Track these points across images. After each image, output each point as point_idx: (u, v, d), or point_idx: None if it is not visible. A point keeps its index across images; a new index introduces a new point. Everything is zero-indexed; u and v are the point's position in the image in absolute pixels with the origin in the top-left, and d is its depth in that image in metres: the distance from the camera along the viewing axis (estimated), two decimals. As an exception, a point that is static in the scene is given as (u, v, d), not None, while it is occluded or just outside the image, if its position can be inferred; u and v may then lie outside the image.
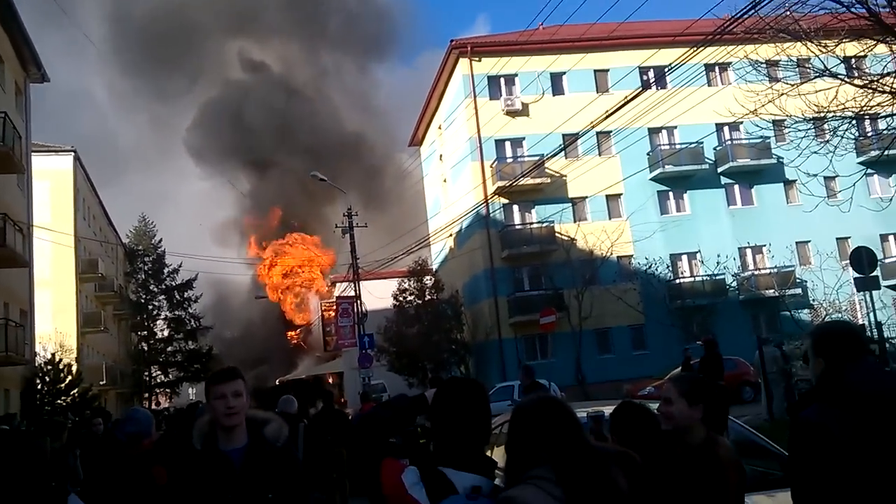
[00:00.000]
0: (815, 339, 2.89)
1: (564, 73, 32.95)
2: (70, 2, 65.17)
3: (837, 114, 13.52)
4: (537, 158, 30.20)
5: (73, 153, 38.35)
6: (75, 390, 25.92)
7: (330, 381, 46.19)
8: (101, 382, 35.75)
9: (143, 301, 50.75)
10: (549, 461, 2.11)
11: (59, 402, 24.74)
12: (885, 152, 16.23)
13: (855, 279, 17.36)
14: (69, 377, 26.19)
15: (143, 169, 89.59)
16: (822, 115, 13.63)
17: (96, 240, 42.78)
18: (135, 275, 51.86)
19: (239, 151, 65.45)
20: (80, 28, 68.74)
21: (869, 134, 22.37)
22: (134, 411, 5.33)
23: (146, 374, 48.79)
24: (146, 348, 50.06)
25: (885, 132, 18.04)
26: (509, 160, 32.75)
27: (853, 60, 14.96)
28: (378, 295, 34.23)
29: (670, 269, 32.38)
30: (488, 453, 2.35)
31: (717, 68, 31.55)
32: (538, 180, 30.96)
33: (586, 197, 32.61)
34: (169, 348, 50.33)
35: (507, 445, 2.25)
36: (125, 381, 44.35)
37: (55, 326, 31.41)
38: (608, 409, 3.50)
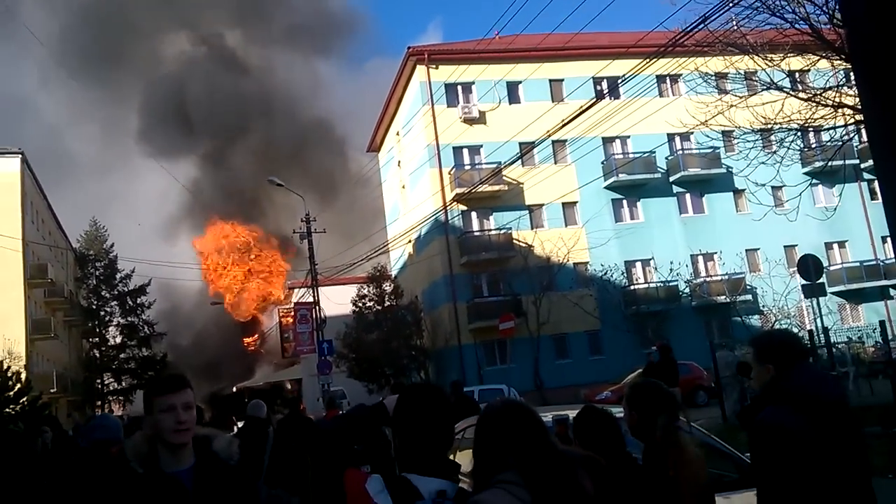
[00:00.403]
0: (760, 348, 3.09)
1: (521, 82, 33.37)
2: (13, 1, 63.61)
3: (783, 125, 14.04)
4: (495, 166, 30.53)
5: (20, 155, 37.42)
6: (24, 399, 25.24)
7: (288, 387, 45.79)
8: (52, 390, 34.86)
9: (94, 307, 49.60)
10: (515, 465, 2.13)
11: (7, 410, 24.06)
12: (829, 163, 16.86)
13: (802, 286, 17.95)
14: (18, 385, 25.51)
15: (94, 171, 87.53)
16: (769, 126, 14.15)
17: (45, 244, 41.76)
18: (86, 280, 50.66)
19: (188, 148, 64.46)
20: (26, 25, 66.98)
21: (813, 145, 23.17)
22: (103, 417, 5.24)
23: (98, 381, 47.67)
24: (98, 355, 48.93)
25: (828, 144, 18.76)
26: (467, 167, 33.00)
27: (798, 75, 15.56)
28: (337, 301, 34.10)
29: (625, 275, 32.97)
30: (451, 457, 2.39)
31: (668, 80, 32.33)
32: (496, 187, 31.26)
33: (543, 204, 33.02)
34: (122, 355, 49.26)
35: (475, 450, 2.26)
36: (76, 388, 43.27)
37: (2, 333, 30.57)
38: (572, 413, 3.54)
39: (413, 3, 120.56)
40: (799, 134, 15.50)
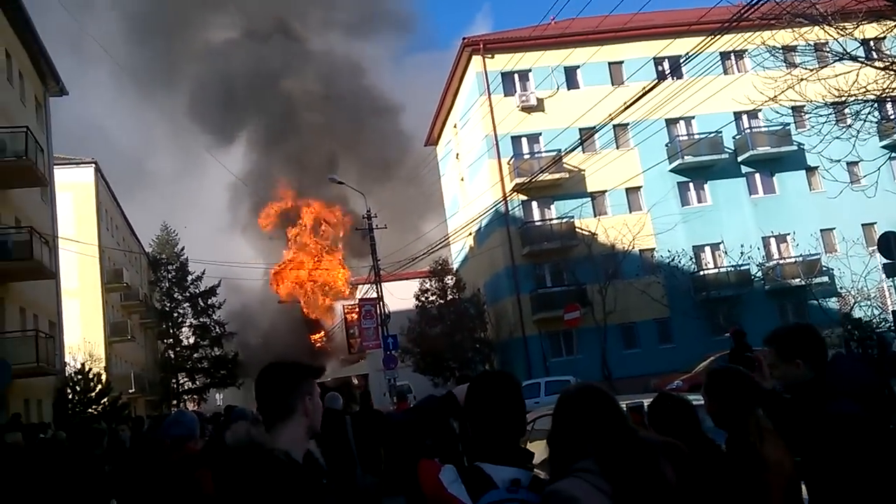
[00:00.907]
0: (786, 343, 3.06)
1: (578, 66, 32.79)
2: (86, 14, 66.09)
3: (859, 97, 13.32)
4: (555, 154, 30.10)
5: (93, 165, 38.86)
6: (105, 399, 26.24)
7: (356, 382, 46.38)
8: (130, 391, 36.19)
9: (167, 309, 51.30)
10: (594, 453, 2.08)
11: (90, 410, 25.06)
12: (910, 135, 15.97)
13: (884, 265, 17.11)
14: (99, 386, 26.54)
15: (164, 177, 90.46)
16: (843, 99, 13.44)
17: (120, 249, 43.30)
18: (159, 283, 52.43)
19: (245, 143, 65.94)
20: (97, 41, 69.57)
21: (892, 117, 22.03)
22: (180, 414, 5.33)
23: (173, 381, 49.31)
24: (172, 356, 50.62)
25: (908, 114, 17.77)
26: (526, 156, 32.66)
27: (873, 42, 14.75)
28: (400, 296, 34.31)
29: (693, 260, 32.11)
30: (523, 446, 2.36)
31: (733, 56, 31.22)
32: (556, 176, 30.83)
33: (605, 191, 32.43)
34: (195, 355, 50.85)
35: (550, 436, 2.22)
36: (153, 388, 44.83)
37: (83, 336, 31.86)
38: (646, 401, 3.48)
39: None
40: (876, 105, 14.71)
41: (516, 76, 33.16)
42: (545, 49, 31.49)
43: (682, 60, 22.94)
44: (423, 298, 34.50)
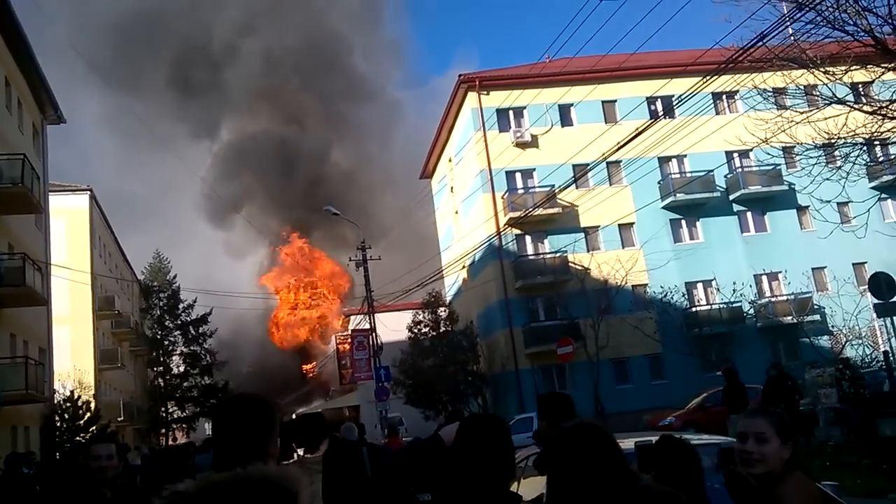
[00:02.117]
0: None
1: (573, 104, 33.23)
2: (84, 43, 66.70)
3: (848, 140, 13.57)
4: (549, 189, 30.37)
5: (88, 192, 38.92)
6: (94, 427, 25.98)
7: (346, 414, 46.05)
8: (119, 419, 35.83)
9: (158, 337, 50.96)
10: (592, 500, 2.02)
11: (77, 438, 24.80)
12: (898, 177, 16.24)
13: (875, 305, 17.23)
14: (88, 414, 26.30)
15: (158, 206, 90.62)
16: (833, 141, 13.68)
17: (112, 277, 43.18)
18: (150, 311, 52.16)
19: (245, 184, 66.44)
20: (97, 70, 70.12)
21: (880, 159, 22.38)
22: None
23: (163, 409, 48.81)
24: (162, 384, 50.15)
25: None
26: (520, 191, 32.92)
27: (861, 87, 15.07)
28: (392, 327, 34.27)
29: (686, 297, 32.22)
30: (513, 488, 2.37)
31: (724, 97, 31.73)
32: (550, 211, 31.06)
33: (599, 227, 32.65)
34: (185, 384, 50.37)
35: (549, 478, 2.19)
36: (142, 416, 44.39)
37: (73, 363, 31.62)
38: (638, 441, 3.40)
39: (456, 31, 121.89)
40: (865, 148, 14.98)
41: (511, 113, 33.55)
42: (540, 87, 31.92)
43: (674, 102, 23.33)
44: (415, 330, 34.44)
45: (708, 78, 13.90)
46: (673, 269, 31.81)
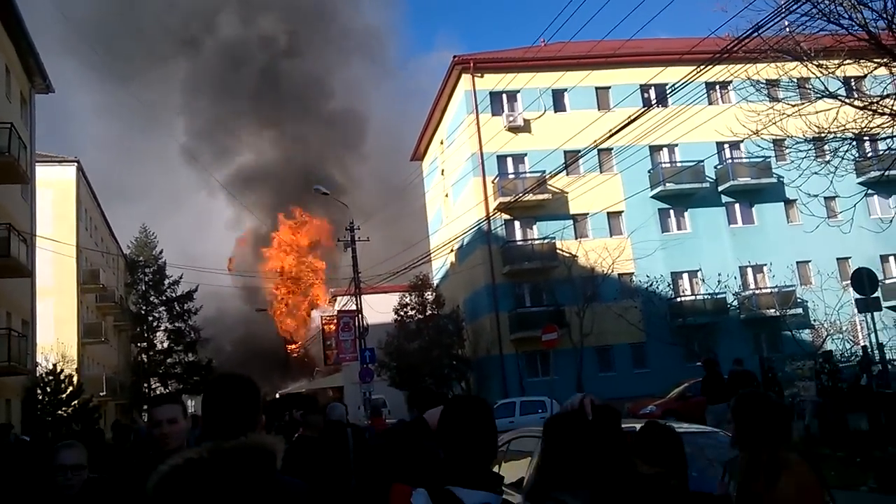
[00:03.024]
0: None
1: (566, 90, 33.15)
2: (75, 14, 65.80)
3: (838, 135, 13.61)
4: (539, 175, 30.35)
5: (76, 164, 38.52)
6: (76, 401, 25.87)
7: (330, 394, 46.12)
8: (101, 393, 35.68)
9: (143, 312, 50.65)
10: (586, 484, 2.00)
11: (59, 412, 24.70)
12: (886, 173, 16.33)
13: (856, 300, 17.38)
14: (70, 388, 26.17)
15: (145, 179, 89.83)
16: (823, 135, 13.72)
17: (98, 250, 42.85)
18: (135, 286, 51.80)
19: (233, 154, 66.07)
20: (87, 41, 69.21)
21: (869, 155, 22.48)
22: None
23: (145, 385, 48.63)
24: (145, 360, 49.90)
25: (885, 153, 18.17)
26: (511, 176, 32.89)
27: (853, 82, 15.11)
28: (379, 309, 34.25)
29: (671, 287, 32.41)
30: (495, 469, 2.38)
31: (717, 87, 31.72)
32: (540, 197, 31.07)
33: (588, 214, 32.70)
34: (168, 360, 50.15)
35: (542, 458, 2.16)
36: (124, 392, 44.22)
37: (57, 337, 31.41)
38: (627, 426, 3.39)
39: (452, 12, 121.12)
40: (854, 143, 15.03)
41: (504, 96, 33.44)
42: (534, 71, 31.82)
43: (668, 91, 23.32)
44: (402, 313, 34.46)
45: (702, 67, 13.90)
46: (659, 259, 31.95)
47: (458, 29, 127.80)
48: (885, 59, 12.40)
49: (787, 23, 12.66)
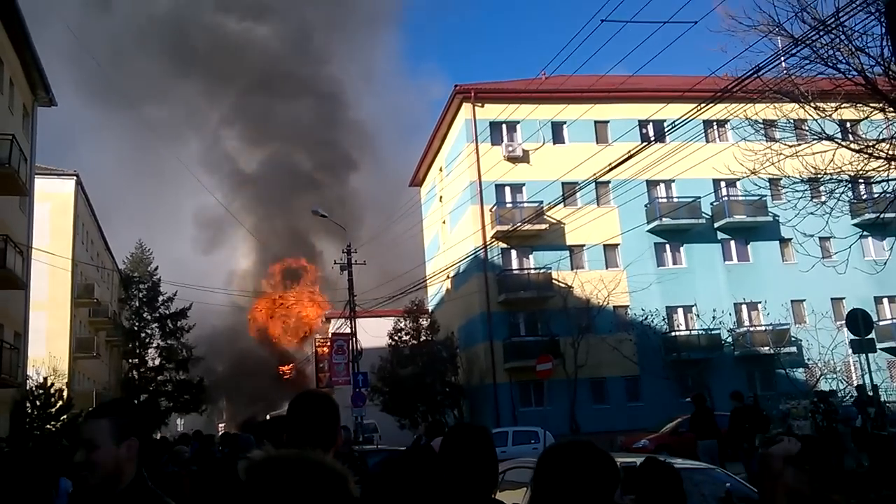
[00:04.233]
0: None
1: (565, 122, 33.44)
2: (81, 27, 66.35)
3: (834, 176, 13.77)
4: (537, 205, 30.51)
5: (75, 177, 38.62)
6: (65, 416, 25.64)
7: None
8: (91, 409, 35.34)
9: (136, 328, 50.39)
10: None
11: (48, 426, 24.47)
12: (881, 216, 16.47)
13: (851, 341, 17.45)
14: (60, 402, 25.95)
15: (144, 196, 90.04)
16: (819, 176, 13.88)
17: (93, 265, 42.80)
18: (129, 301, 51.59)
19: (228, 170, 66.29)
20: (91, 54, 69.77)
21: (864, 197, 22.68)
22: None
23: (135, 402, 48.22)
24: (136, 376, 49.56)
25: (880, 196, 18.36)
26: (509, 205, 33.04)
27: (849, 125, 15.31)
28: (373, 333, 34.20)
29: (666, 321, 32.42)
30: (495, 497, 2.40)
31: (715, 125, 32.09)
32: (537, 227, 31.20)
33: (584, 245, 32.82)
34: (159, 377, 49.80)
35: (533, 495, 2.05)
36: (113, 408, 43.80)
37: (48, 350, 31.23)
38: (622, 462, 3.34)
39: (455, 43, 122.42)
40: (850, 185, 15.19)
41: (504, 126, 33.73)
42: (535, 103, 32.09)
43: (667, 128, 23.55)
44: (396, 337, 34.38)
45: (702, 106, 14.08)
46: (655, 293, 32.02)
47: (460, 59, 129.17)
48: (881, 104, 12.60)
49: (785, 66, 12.87)
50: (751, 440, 13.11)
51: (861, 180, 14.86)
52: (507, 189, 33.65)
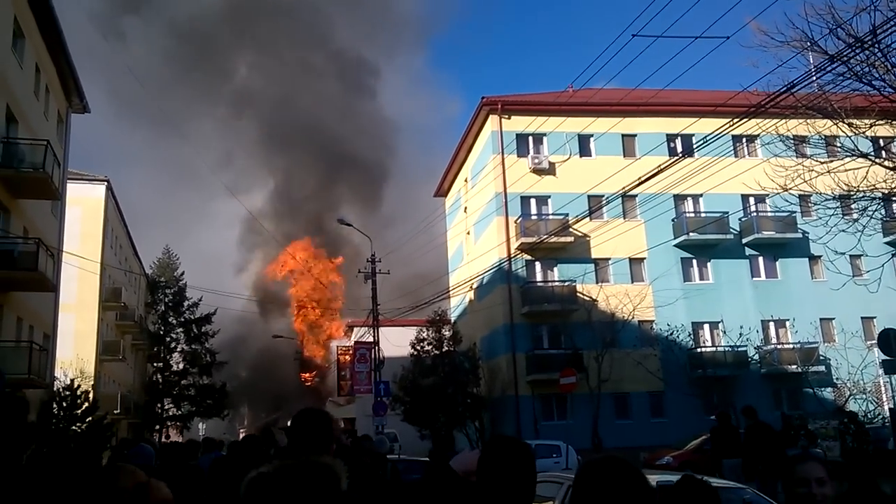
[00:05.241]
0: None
1: (592, 136, 33.34)
2: (116, 34, 67.54)
3: (866, 194, 13.55)
4: (562, 218, 30.39)
5: (106, 182, 39.25)
6: (90, 417, 25.95)
7: (342, 426, 45.91)
8: (116, 411, 35.81)
9: (161, 332, 51.00)
10: None
11: (73, 428, 24.76)
12: (915, 235, 16.16)
13: (882, 361, 17.11)
14: (86, 404, 26.27)
15: (173, 202, 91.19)
16: (851, 194, 13.67)
17: (121, 269, 43.39)
18: (155, 306, 52.26)
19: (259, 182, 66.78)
20: (128, 64, 70.97)
21: (898, 215, 22.30)
22: (139, 447, 5.38)
23: (158, 405, 48.74)
24: (160, 380, 50.11)
25: (914, 215, 18.03)
26: (534, 217, 32.95)
27: (883, 142, 15.08)
28: (395, 342, 34.22)
29: (692, 337, 32.05)
30: None
31: (744, 140, 31.77)
32: (562, 239, 31.07)
33: (609, 259, 32.61)
34: (183, 381, 50.29)
35: None
36: (137, 411, 44.35)
37: (76, 352, 31.68)
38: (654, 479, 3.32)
39: (483, 54, 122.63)
40: (882, 203, 14.95)
41: (531, 139, 33.70)
42: (562, 116, 32.02)
43: (696, 144, 23.36)
44: (418, 347, 34.35)
45: (734, 121, 13.96)
46: (681, 308, 31.69)
47: (487, 70, 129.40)
48: (916, 121, 12.40)
49: (819, 82, 12.71)
50: (765, 461, 12.76)
51: (895, 198, 14.60)
52: (533, 201, 33.57)
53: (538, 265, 32.95)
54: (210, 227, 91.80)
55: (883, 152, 15.39)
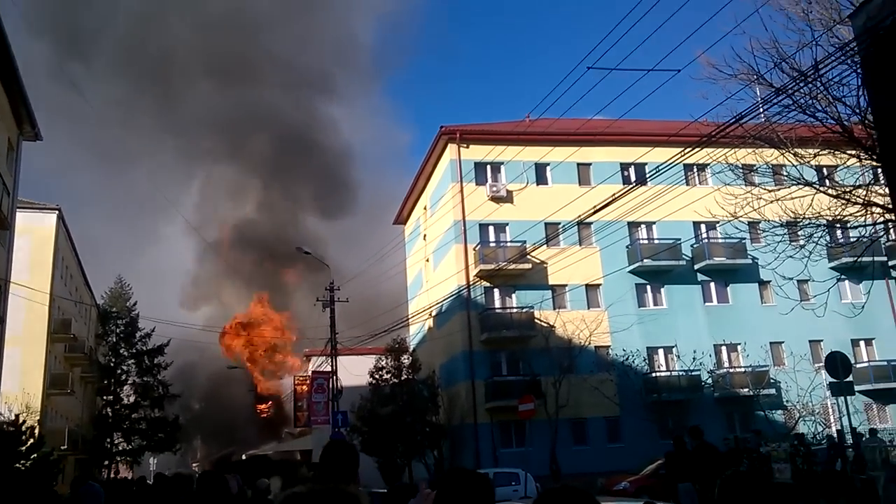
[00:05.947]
0: None
1: (549, 164, 33.92)
2: (68, 60, 66.55)
3: (812, 221, 14.08)
4: (520, 245, 30.73)
5: (57, 211, 38.34)
6: (35, 454, 25.02)
7: (298, 458, 45.13)
8: (63, 447, 34.56)
9: (112, 364, 49.55)
10: None
11: (17, 465, 23.83)
12: (858, 260, 16.80)
13: (830, 384, 17.63)
14: (31, 440, 25.35)
15: (125, 232, 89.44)
16: (798, 220, 14.19)
17: (71, 300, 42.27)
18: (106, 337, 50.84)
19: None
20: (79, 91, 69.87)
21: (841, 242, 23.12)
22: (89, 485, 5.27)
23: (108, 440, 47.22)
24: (110, 413, 48.58)
25: (856, 240, 18.74)
26: (492, 245, 33.24)
27: (826, 171, 15.72)
28: (354, 371, 33.88)
29: (647, 361, 32.53)
30: None
31: (696, 169, 32.66)
32: (520, 266, 31.36)
33: (566, 285, 33.01)
34: (134, 415, 48.83)
35: None
36: (86, 446, 42.89)
37: (22, 386, 30.63)
38: None
39: (442, 85, 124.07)
40: (827, 230, 15.53)
41: (489, 167, 34.11)
42: (519, 145, 32.51)
43: (649, 173, 23.99)
44: (377, 376, 34.06)
45: (685, 151, 14.41)
46: (636, 333, 32.18)
47: (446, 101, 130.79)
48: (857, 152, 12.98)
49: (766, 114, 13.24)
50: (703, 480, 12.97)
51: (838, 225, 15.18)
52: (491, 229, 33.88)
53: (496, 292, 33.17)
54: (166, 253, 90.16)
55: (827, 181, 16.00)
